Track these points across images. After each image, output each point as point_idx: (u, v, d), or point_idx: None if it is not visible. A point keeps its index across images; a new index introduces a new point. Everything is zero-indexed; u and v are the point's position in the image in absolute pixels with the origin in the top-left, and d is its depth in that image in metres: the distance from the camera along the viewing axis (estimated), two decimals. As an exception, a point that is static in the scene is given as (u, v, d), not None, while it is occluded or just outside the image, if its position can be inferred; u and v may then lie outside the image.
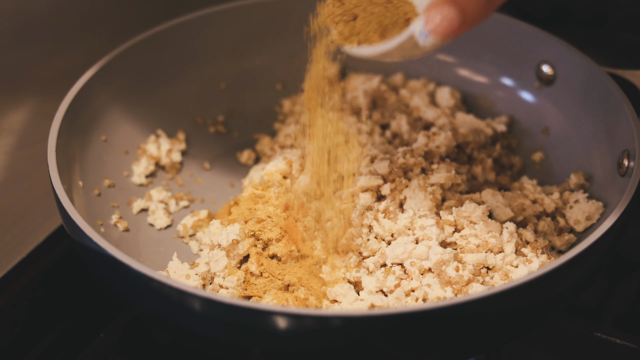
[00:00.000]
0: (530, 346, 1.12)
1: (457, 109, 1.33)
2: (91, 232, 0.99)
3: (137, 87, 1.29)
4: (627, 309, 1.21)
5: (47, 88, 1.35)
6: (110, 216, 1.17)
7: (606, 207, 1.13)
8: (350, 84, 1.36)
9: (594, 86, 1.21)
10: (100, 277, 1.05)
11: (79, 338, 1.17)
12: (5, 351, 1.14)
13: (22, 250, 1.22)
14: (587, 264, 1.00)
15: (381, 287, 1.06)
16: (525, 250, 1.09)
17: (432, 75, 1.38)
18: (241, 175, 1.30)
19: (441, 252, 1.06)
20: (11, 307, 1.15)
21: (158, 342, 1.14)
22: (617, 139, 1.15)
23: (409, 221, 1.11)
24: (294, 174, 1.20)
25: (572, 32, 1.36)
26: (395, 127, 1.28)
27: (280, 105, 1.38)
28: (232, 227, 1.11)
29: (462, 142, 1.25)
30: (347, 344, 0.93)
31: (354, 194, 1.16)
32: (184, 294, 0.93)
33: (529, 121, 1.31)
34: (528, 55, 1.30)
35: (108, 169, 1.22)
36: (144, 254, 1.16)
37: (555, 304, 1.03)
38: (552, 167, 1.26)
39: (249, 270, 1.09)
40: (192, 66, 1.35)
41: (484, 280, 1.06)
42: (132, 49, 1.27)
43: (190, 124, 1.34)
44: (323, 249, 1.11)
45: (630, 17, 1.48)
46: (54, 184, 1.06)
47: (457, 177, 1.16)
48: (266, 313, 0.91)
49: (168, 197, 1.24)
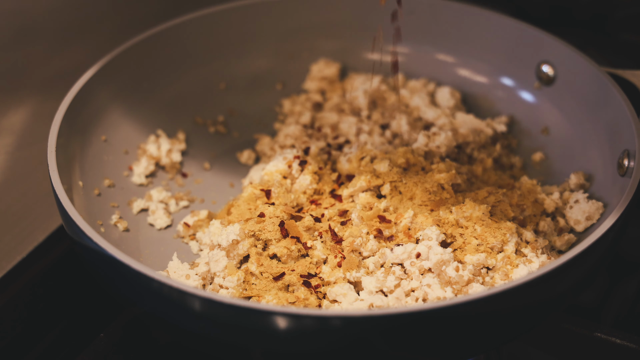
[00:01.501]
0: (530, 346, 1.12)
1: (457, 109, 1.33)
2: (91, 232, 0.99)
3: (137, 87, 1.29)
4: (627, 309, 1.21)
5: (47, 88, 1.35)
6: (110, 216, 1.17)
7: (606, 207, 1.13)
8: (350, 84, 1.36)
9: (594, 86, 1.21)
10: (100, 277, 1.05)
11: (79, 338, 1.17)
12: (5, 351, 1.14)
13: (22, 250, 1.22)
14: (587, 264, 1.00)
15: (381, 287, 1.06)
16: (525, 250, 1.09)
17: (432, 75, 1.38)
18: (241, 175, 1.30)
19: (441, 252, 1.06)
20: (11, 307, 1.15)
21: (158, 342, 1.14)
22: (617, 139, 1.15)
23: (409, 221, 1.11)
24: (294, 174, 1.20)
25: (572, 32, 1.36)
26: (395, 127, 1.28)
27: (280, 105, 1.38)
28: (232, 227, 1.11)
29: (462, 142, 1.25)
30: (347, 344, 0.93)
31: (353, 194, 1.17)
32: (184, 294, 0.93)
33: (529, 121, 1.31)
34: (528, 55, 1.30)
35: (108, 169, 1.22)
36: (144, 254, 1.16)
37: (555, 304, 1.03)
38: (552, 167, 1.26)
39: (249, 270, 1.09)
40: (192, 66, 1.35)
41: (484, 280, 1.06)
42: (132, 49, 1.27)
43: (190, 124, 1.34)
44: (323, 248, 1.11)
45: (630, 17, 1.48)
46: (54, 184, 1.06)
47: (457, 177, 1.16)
48: (266, 313, 0.91)
49: (168, 197, 1.24)
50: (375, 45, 1.33)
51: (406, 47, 1.39)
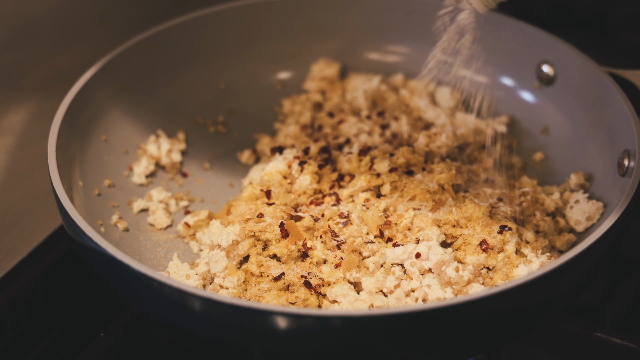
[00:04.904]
0: (530, 346, 1.12)
1: (457, 109, 1.33)
2: (91, 232, 0.99)
3: (137, 87, 1.29)
4: (627, 309, 1.21)
5: (47, 88, 1.35)
6: (111, 216, 1.17)
7: (606, 207, 1.13)
8: (350, 84, 1.36)
9: (594, 86, 1.21)
10: (100, 277, 1.05)
11: (79, 338, 1.17)
12: (5, 351, 1.14)
13: (22, 250, 1.22)
14: (587, 264, 1.00)
15: (381, 288, 1.06)
16: (525, 250, 1.09)
17: (432, 75, 1.38)
18: (241, 175, 1.30)
19: (441, 253, 1.06)
20: (11, 307, 1.15)
21: (158, 342, 1.14)
22: (617, 139, 1.15)
23: (409, 221, 1.11)
24: (293, 174, 1.20)
25: (572, 32, 1.36)
26: (395, 127, 1.28)
27: (280, 105, 1.38)
28: (232, 228, 1.11)
29: (462, 143, 1.25)
30: (347, 344, 0.93)
31: (353, 194, 1.17)
32: (184, 294, 0.93)
33: (529, 121, 1.31)
34: (528, 55, 1.30)
35: (108, 169, 1.22)
36: (144, 254, 1.16)
37: (555, 304, 1.03)
38: (552, 167, 1.26)
39: (249, 270, 1.09)
40: (192, 66, 1.35)
41: (484, 280, 1.06)
42: (132, 49, 1.27)
43: (190, 124, 1.34)
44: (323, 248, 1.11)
45: (630, 17, 1.48)
46: (54, 184, 1.06)
47: (457, 177, 1.16)
48: (266, 313, 0.91)
49: (168, 197, 1.24)
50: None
51: (406, 47, 1.39)
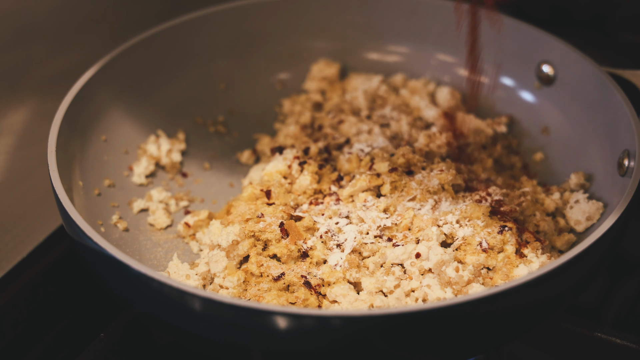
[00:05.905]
0: (530, 346, 1.12)
1: (457, 109, 1.33)
2: (91, 232, 0.99)
3: (137, 87, 1.29)
4: (627, 309, 1.21)
5: (47, 88, 1.35)
6: (110, 216, 1.17)
7: (606, 207, 1.13)
8: (350, 84, 1.36)
9: (594, 86, 1.21)
10: (100, 277, 1.05)
11: (79, 338, 1.17)
12: (5, 351, 1.14)
13: (22, 250, 1.22)
14: (587, 264, 1.00)
15: (381, 288, 1.06)
16: (525, 250, 1.09)
17: (432, 75, 1.38)
18: (241, 175, 1.30)
19: (441, 253, 1.06)
20: (11, 307, 1.15)
21: (158, 342, 1.14)
22: (617, 139, 1.15)
23: (409, 221, 1.11)
24: (293, 174, 1.20)
25: (572, 32, 1.36)
26: (395, 127, 1.28)
27: (280, 105, 1.38)
28: (232, 228, 1.11)
29: (462, 143, 1.25)
30: (347, 344, 0.93)
31: (353, 194, 1.17)
32: (184, 294, 0.93)
33: (529, 121, 1.31)
34: (528, 55, 1.30)
35: (108, 169, 1.22)
36: (144, 254, 1.16)
37: (555, 304, 1.03)
38: (552, 167, 1.26)
39: (249, 270, 1.09)
40: (192, 66, 1.35)
41: (484, 280, 1.06)
42: (132, 49, 1.27)
43: (190, 124, 1.34)
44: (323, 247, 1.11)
45: (630, 17, 1.48)
46: (54, 184, 1.06)
47: (457, 177, 1.16)
48: (266, 313, 0.91)
49: (168, 197, 1.24)
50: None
51: (406, 47, 1.39)
